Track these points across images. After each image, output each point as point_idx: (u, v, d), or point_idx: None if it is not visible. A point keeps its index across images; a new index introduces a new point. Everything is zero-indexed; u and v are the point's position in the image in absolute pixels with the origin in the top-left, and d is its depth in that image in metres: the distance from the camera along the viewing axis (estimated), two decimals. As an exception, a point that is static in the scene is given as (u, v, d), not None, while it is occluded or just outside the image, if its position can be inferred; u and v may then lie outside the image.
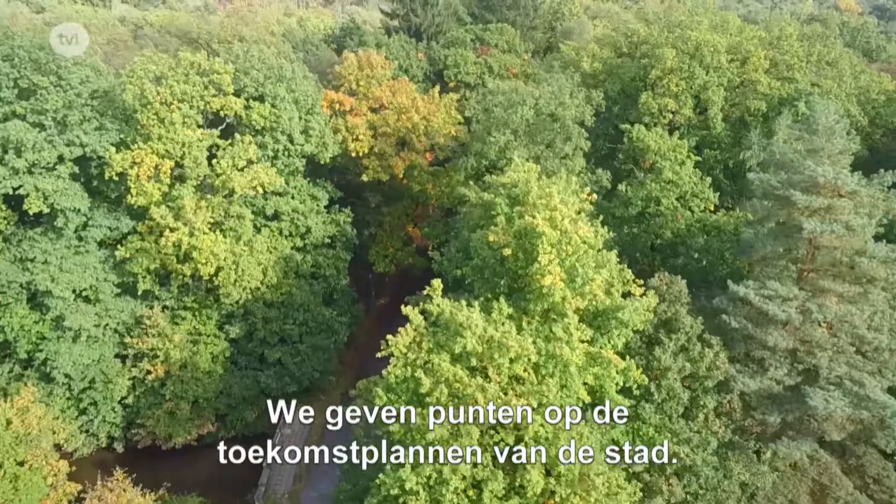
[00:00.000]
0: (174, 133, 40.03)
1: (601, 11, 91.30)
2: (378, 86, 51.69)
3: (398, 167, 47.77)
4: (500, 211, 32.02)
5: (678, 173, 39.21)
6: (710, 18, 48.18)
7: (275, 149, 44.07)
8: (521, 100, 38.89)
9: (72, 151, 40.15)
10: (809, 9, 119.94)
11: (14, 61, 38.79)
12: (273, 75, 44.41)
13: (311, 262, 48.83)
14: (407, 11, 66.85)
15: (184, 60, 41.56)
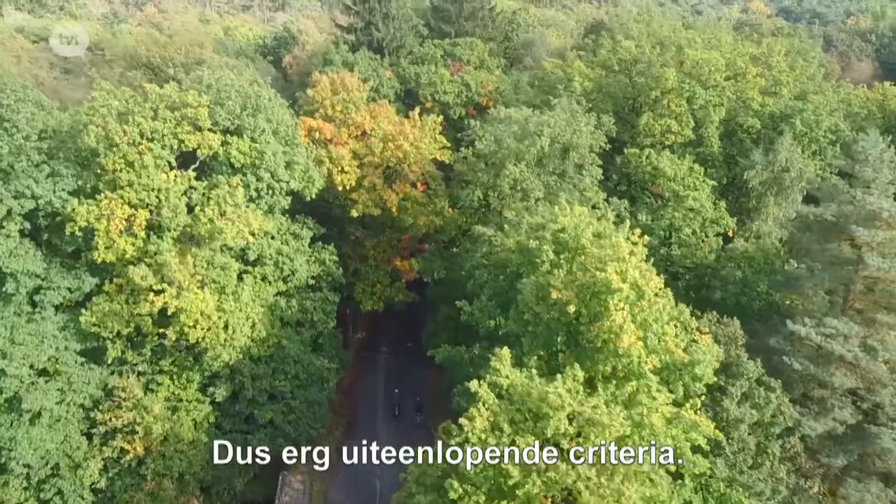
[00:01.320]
0: (147, 178, 34.77)
1: (549, 19, 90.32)
2: (356, 110, 47.66)
3: (391, 201, 44.01)
4: (546, 258, 29.31)
5: (698, 199, 37.75)
6: (701, 35, 47.25)
7: (257, 187, 39.41)
8: (538, 130, 36.25)
9: (22, 205, 34.16)
10: (736, 14, 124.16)
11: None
12: (250, 105, 39.65)
13: (297, 308, 44.34)
14: (366, 25, 62.80)
15: (152, 93, 36.25)
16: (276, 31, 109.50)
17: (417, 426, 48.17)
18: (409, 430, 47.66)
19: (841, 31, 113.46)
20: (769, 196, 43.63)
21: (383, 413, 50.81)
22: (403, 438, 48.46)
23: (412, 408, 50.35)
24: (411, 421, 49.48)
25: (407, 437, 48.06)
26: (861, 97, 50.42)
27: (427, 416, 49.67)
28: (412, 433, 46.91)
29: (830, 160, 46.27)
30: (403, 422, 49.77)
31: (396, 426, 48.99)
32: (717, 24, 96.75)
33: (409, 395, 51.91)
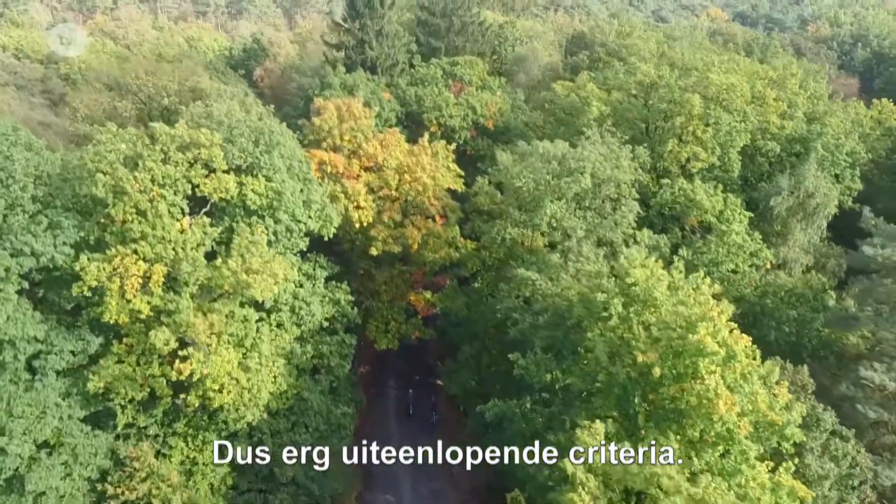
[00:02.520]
0: (163, 229, 31.52)
1: (529, 30, 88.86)
2: (366, 139, 45.02)
3: (414, 238, 41.56)
4: (615, 312, 27.56)
5: (740, 233, 36.70)
6: (719, 58, 46.38)
7: (275, 230, 36.48)
8: (579, 167, 34.49)
9: (21, 264, 30.49)
10: (706, 22, 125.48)
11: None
12: (263, 141, 36.66)
13: (313, 353, 41.51)
14: (359, 43, 59.98)
15: (161, 134, 32.93)
16: (244, 42, 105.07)
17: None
18: (432, 475, 45.38)
19: (807, 39, 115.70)
20: (795, 222, 43.04)
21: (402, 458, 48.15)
22: (427, 484, 46.63)
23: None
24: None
25: (431, 484, 46.25)
26: (869, 117, 50.44)
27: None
28: (436, 479, 44.79)
29: (849, 183, 46.09)
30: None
31: (417, 472, 46.53)
32: (693, 34, 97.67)
33: (419, 434, 49.66)
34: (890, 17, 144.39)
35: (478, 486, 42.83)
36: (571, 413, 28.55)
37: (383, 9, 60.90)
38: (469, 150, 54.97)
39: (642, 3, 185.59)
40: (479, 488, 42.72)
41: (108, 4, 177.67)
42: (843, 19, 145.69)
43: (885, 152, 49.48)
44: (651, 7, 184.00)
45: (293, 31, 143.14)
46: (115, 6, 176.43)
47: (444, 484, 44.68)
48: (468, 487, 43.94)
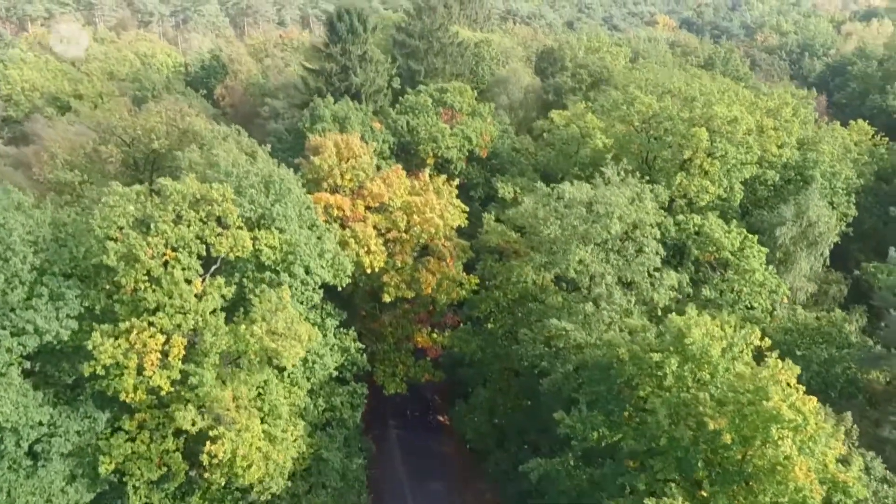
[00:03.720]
0: (181, 298, 29.16)
1: (499, 46, 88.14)
2: (368, 178, 43.30)
3: (428, 282, 40.10)
4: (670, 371, 26.99)
5: (760, 270, 36.82)
6: (717, 86, 46.63)
7: (290, 284, 34.45)
8: (607, 211, 33.83)
9: (24, 344, 27.71)
10: (665, 33, 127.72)
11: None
12: (274, 190, 34.61)
13: (325, 406, 39.73)
14: (342, 69, 57.91)
15: (171, 191, 30.49)
16: (201, 58, 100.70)
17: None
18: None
19: (758, 49, 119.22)
20: (799, 251, 43.65)
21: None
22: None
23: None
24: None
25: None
26: (854, 142, 51.65)
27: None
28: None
29: (844, 210, 47.09)
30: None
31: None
32: (657, 47, 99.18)
33: (429, 479, 48.24)
34: (830, 26, 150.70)
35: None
36: (628, 476, 27.79)
37: (366, 33, 59.08)
38: (462, 179, 53.79)
39: (592, 10, 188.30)
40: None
41: (40, 14, 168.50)
42: (786, 27, 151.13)
43: (873, 177, 50.95)
44: (600, 14, 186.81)
45: (245, 43, 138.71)
46: (48, 16, 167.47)
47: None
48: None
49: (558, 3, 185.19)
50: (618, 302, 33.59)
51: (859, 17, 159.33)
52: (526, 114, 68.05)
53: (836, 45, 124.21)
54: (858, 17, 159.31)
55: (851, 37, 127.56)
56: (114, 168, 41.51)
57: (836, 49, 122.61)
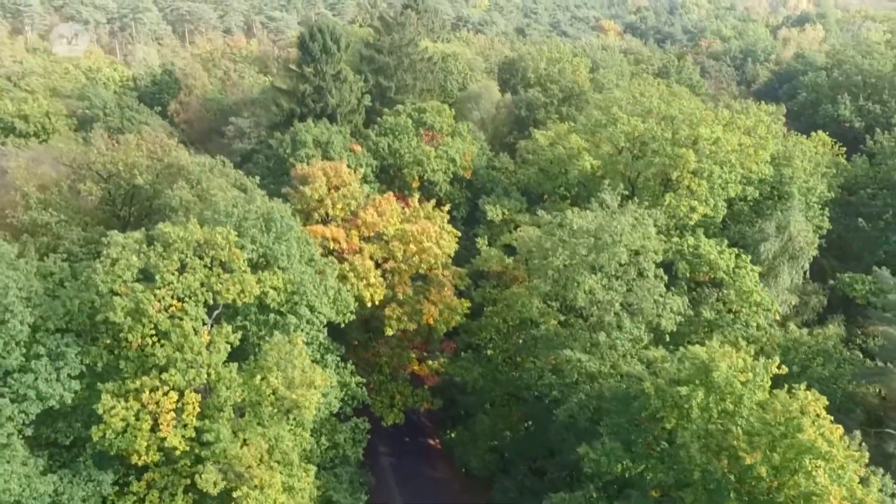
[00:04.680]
0: (191, 351, 27.77)
1: (459, 57, 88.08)
2: (360, 207, 42.42)
3: (430, 314, 39.52)
4: (696, 404, 27.38)
5: (757, 290, 37.87)
6: (693, 105, 47.68)
7: (296, 325, 33.36)
8: (612, 240, 34.09)
9: (26, 412, 25.86)
10: (616, 41, 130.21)
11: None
12: (275, 228, 33.42)
13: (328, 444, 38.76)
14: (316, 89, 56.54)
15: (174, 238, 28.99)
16: (152, 72, 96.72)
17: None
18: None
19: (704, 55, 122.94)
20: (782, 265, 45.13)
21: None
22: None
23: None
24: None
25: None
26: (817, 153, 53.45)
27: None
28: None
29: (818, 223, 48.93)
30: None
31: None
32: (613, 56, 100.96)
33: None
34: (767, 31, 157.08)
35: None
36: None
37: (339, 52, 57.96)
38: (445, 199, 53.36)
39: (538, 16, 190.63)
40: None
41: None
42: (727, 33, 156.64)
43: (840, 189, 53.14)
44: (546, 19, 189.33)
45: (191, 53, 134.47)
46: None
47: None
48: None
49: (506, 9, 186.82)
50: (628, 329, 33.93)
51: (792, 23, 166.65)
52: (497, 129, 68.16)
53: (775, 51, 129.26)
54: (791, 23, 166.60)
55: (790, 42, 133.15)
56: (91, 205, 39.24)
57: (776, 55, 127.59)
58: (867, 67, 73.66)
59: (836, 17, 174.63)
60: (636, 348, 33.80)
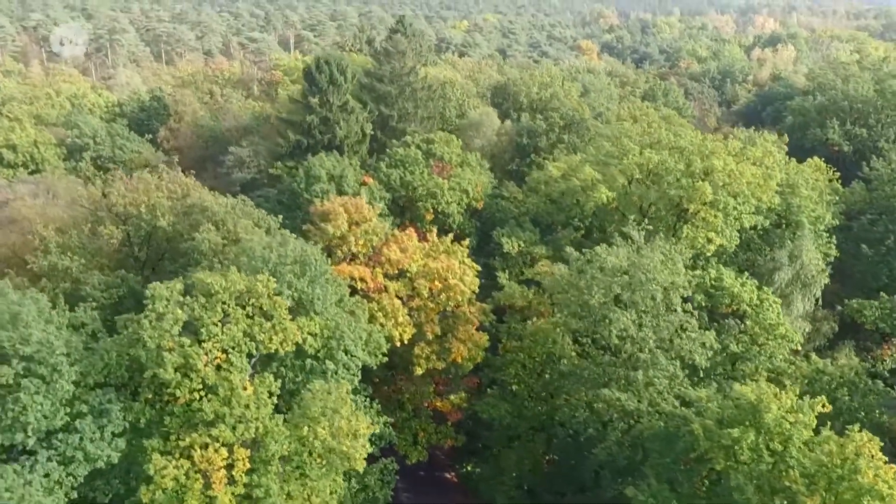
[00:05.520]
0: (239, 405, 27.18)
1: (446, 79, 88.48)
2: (383, 243, 42.18)
3: (459, 352, 39.36)
4: (747, 446, 27.64)
5: (783, 324, 38.53)
6: (699, 138, 48.62)
7: (334, 371, 32.93)
8: (646, 278, 34.44)
9: (74, 475, 25.00)
10: (601, 63, 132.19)
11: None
12: (309, 272, 33.02)
13: (357, 486, 38.14)
14: (323, 121, 56.28)
15: (216, 287, 28.42)
16: (139, 98, 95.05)
17: None
18: None
19: (685, 76, 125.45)
20: (795, 293, 46.03)
21: None
22: None
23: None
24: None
25: None
26: (815, 178, 54.81)
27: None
28: None
29: (825, 250, 50.08)
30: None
31: None
32: (599, 79, 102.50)
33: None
34: (741, 51, 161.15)
35: None
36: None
37: (346, 83, 57.86)
38: (457, 230, 53.36)
39: (516, 36, 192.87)
40: None
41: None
42: (703, 53, 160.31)
43: (842, 216, 54.50)
44: (524, 39, 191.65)
45: (173, 76, 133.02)
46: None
47: None
48: None
49: (485, 30, 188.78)
50: (664, 366, 34.20)
51: (764, 43, 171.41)
52: (499, 156, 68.50)
53: (752, 72, 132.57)
54: (763, 43, 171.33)
55: (766, 63, 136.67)
56: (111, 248, 38.31)
57: (753, 75, 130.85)
58: (853, 93, 75.90)
59: (804, 37, 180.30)
60: (673, 385, 34.07)
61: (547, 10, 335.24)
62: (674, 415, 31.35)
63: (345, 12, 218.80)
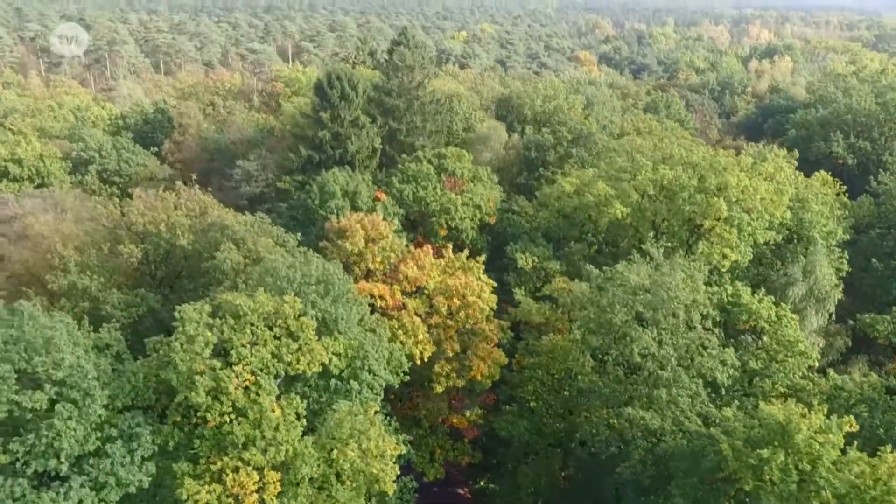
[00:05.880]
0: (270, 428, 27.05)
1: (452, 93, 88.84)
2: (400, 260, 42.18)
3: (479, 370, 39.33)
4: (776, 466, 27.70)
5: (802, 341, 38.65)
6: (710, 153, 48.95)
7: (358, 390, 32.83)
8: (668, 296, 34.57)
9: (107, 500, 24.85)
10: (601, 75, 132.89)
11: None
12: (333, 292, 32.96)
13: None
14: (334, 136, 56.38)
15: (244, 309, 28.34)
16: (142, 110, 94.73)
17: None
18: None
19: (684, 87, 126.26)
20: (809, 308, 46.25)
21: None
22: None
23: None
24: None
25: None
26: (825, 195, 55.22)
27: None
28: None
29: (837, 265, 50.37)
30: None
31: None
32: (602, 91, 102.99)
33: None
34: (738, 62, 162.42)
35: None
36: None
37: (358, 98, 58.01)
38: (469, 245, 53.46)
39: (514, 46, 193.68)
40: None
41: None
42: (700, 65, 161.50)
43: (852, 230, 54.91)
44: (522, 49, 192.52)
45: (174, 87, 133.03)
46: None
47: None
48: None
49: (483, 41, 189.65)
50: (687, 385, 34.26)
51: (760, 54, 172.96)
52: (507, 170, 68.73)
53: (751, 83, 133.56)
54: (760, 54, 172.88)
55: (764, 75, 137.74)
56: (130, 267, 38.17)
57: (751, 87, 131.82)
58: (856, 106, 76.58)
59: (800, 48, 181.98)
60: (695, 403, 34.11)
61: (543, 21, 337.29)
62: (699, 434, 31.39)
63: (343, 23, 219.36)
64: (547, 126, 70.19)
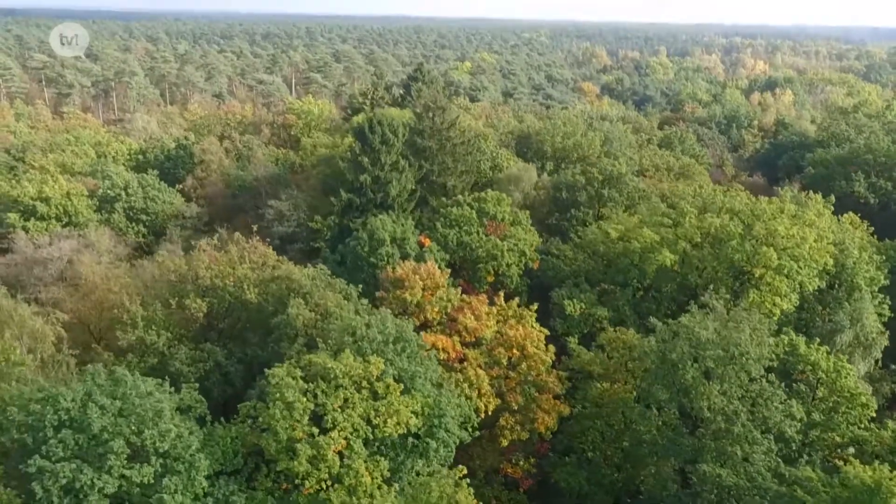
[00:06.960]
0: (365, 494, 26.95)
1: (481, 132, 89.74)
2: (457, 310, 42.33)
3: (544, 421, 39.32)
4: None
5: (864, 393, 39.04)
6: (766, 206, 49.67)
7: (434, 449, 32.73)
8: (741, 352, 34.94)
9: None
10: (605, 107, 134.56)
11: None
12: (409, 348, 33.09)
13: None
14: (374, 180, 56.75)
15: (336, 371, 28.33)
16: (163, 146, 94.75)
17: None
18: None
19: (690, 120, 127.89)
20: (857, 355, 46.72)
21: None
22: None
23: None
24: None
25: None
26: (865, 239, 56.02)
27: None
28: None
29: (879, 310, 50.99)
30: None
31: None
32: (616, 127, 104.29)
33: None
34: (740, 94, 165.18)
35: None
36: None
37: (398, 143, 58.55)
38: (512, 290, 53.67)
39: (516, 76, 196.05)
40: None
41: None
42: (703, 97, 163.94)
43: (890, 273, 55.53)
44: (524, 79, 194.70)
45: (185, 119, 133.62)
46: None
47: None
48: None
49: (487, 71, 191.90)
50: (760, 441, 34.45)
51: (761, 87, 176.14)
52: (537, 210, 69.28)
53: (756, 116, 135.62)
54: (760, 87, 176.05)
55: (769, 109, 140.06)
56: (195, 321, 38.04)
57: (757, 120, 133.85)
58: (875, 146, 78.04)
59: (798, 80, 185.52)
60: (768, 459, 34.26)
61: (539, 49, 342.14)
62: (779, 493, 31.51)
63: (348, 53, 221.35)
64: (565, 162, 71.00)
